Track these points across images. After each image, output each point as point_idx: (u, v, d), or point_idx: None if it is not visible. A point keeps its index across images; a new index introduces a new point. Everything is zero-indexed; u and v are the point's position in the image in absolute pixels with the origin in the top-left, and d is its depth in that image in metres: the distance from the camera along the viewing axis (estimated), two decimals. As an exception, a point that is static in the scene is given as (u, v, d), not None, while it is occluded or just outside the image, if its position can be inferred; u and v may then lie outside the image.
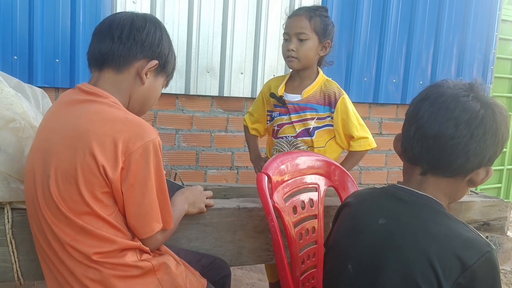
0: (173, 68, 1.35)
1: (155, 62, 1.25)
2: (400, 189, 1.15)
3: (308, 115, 1.97)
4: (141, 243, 1.19)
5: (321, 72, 2.03)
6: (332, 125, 1.98)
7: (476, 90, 1.08)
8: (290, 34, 1.93)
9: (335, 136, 2.00)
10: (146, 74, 1.25)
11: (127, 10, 2.46)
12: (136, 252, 1.18)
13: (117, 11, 2.46)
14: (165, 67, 1.30)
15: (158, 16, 2.57)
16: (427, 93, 1.10)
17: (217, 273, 1.49)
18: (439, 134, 1.04)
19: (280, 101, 2.02)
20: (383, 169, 3.35)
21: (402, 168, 1.20)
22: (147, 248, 1.21)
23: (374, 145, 2.00)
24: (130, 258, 1.16)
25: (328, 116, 1.98)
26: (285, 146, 2.01)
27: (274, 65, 2.89)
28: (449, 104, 1.05)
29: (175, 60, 1.35)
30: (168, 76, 1.34)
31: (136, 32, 1.21)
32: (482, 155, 1.05)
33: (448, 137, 1.03)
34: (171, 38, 2.43)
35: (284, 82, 2.05)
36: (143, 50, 1.23)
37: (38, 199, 1.17)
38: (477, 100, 1.05)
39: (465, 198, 2.05)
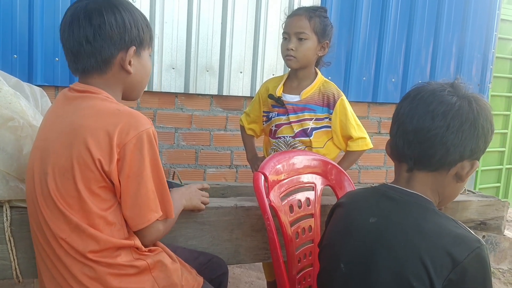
0: (151, 37, 1.29)
1: (132, 49, 1.22)
2: (391, 188, 1.16)
3: (307, 115, 1.98)
4: (135, 241, 1.19)
5: (319, 73, 2.04)
6: (329, 127, 1.99)
7: (456, 86, 1.11)
8: (290, 34, 1.94)
9: (332, 137, 2.01)
10: (129, 63, 1.23)
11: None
12: (131, 251, 1.18)
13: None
14: (143, 44, 1.26)
15: (157, 15, 2.58)
16: (408, 93, 1.15)
17: (215, 271, 1.50)
18: (417, 128, 1.08)
19: (279, 101, 2.03)
20: (382, 168, 3.36)
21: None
22: (142, 246, 1.20)
23: (371, 145, 2.03)
24: (124, 258, 1.16)
25: (326, 118, 1.98)
26: (283, 146, 2.02)
27: (274, 64, 2.89)
28: (426, 99, 1.09)
29: (149, 28, 1.28)
30: (150, 45, 1.31)
31: (99, 30, 1.17)
32: (462, 146, 1.06)
33: (426, 130, 1.07)
34: (170, 37, 2.41)
35: (282, 82, 2.05)
36: (115, 44, 1.19)
37: (37, 197, 1.18)
38: (454, 94, 1.09)
39: (462, 197, 2.06)
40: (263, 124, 2.13)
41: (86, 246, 1.13)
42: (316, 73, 2.04)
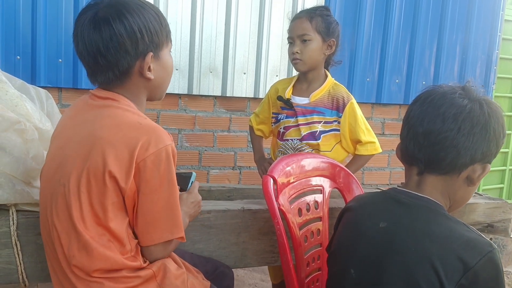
0: (168, 34, 1.22)
1: (149, 55, 1.17)
2: (400, 192, 1.15)
3: (315, 118, 1.97)
4: (141, 262, 1.15)
5: (329, 75, 2.03)
6: (338, 130, 1.97)
7: (467, 89, 1.10)
8: (293, 37, 1.94)
9: (341, 140, 1.99)
10: (149, 69, 1.18)
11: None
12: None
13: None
14: (159, 46, 1.19)
15: (161, 16, 2.56)
16: (419, 96, 1.14)
17: (220, 282, 1.47)
18: (428, 131, 1.07)
19: (288, 104, 2.02)
20: (386, 169, 3.35)
21: (404, 168, 1.21)
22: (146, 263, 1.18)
23: (380, 150, 2.01)
24: (130, 269, 1.14)
25: (335, 121, 1.97)
26: (290, 149, 2.01)
27: (277, 65, 2.88)
28: (437, 102, 1.08)
29: (164, 25, 1.20)
30: (170, 42, 1.25)
31: (110, 42, 1.12)
32: (473, 149, 1.05)
33: (437, 132, 1.06)
34: (174, 38, 2.42)
35: (292, 84, 2.04)
36: (130, 55, 1.14)
37: (52, 208, 1.15)
38: (465, 96, 1.08)
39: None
40: (272, 125, 2.12)
41: (91, 266, 1.10)
42: (326, 75, 2.02)
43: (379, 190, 1.36)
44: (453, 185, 1.11)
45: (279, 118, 2.07)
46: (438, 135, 1.05)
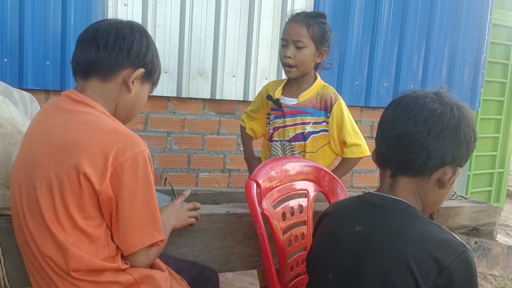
0: (159, 76, 1.34)
1: (141, 70, 1.24)
2: (375, 196, 1.17)
3: (304, 119, 1.98)
4: (120, 264, 1.15)
5: (318, 77, 2.04)
6: (327, 131, 1.98)
7: (440, 94, 1.13)
8: (288, 41, 1.93)
9: (329, 142, 2.00)
10: (132, 82, 1.24)
11: (118, 12, 2.46)
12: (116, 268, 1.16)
13: (109, 13, 2.45)
14: (151, 75, 1.30)
15: (149, 18, 2.56)
16: (392, 101, 1.17)
17: (204, 286, 1.47)
18: (399, 133, 1.10)
19: (277, 103, 2.03)
20: (375, 172, 3.36)
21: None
22: (127, 266, 1.18)
23: (368, 153, 1.98)
24: (110, 274, 1.14)
25: (324, 121, 1.98)
26: (279, 150, 2.02)
27: (266, 68, 2.89)
28: (409, 105, 1.11)
29: (160, 68, 1.34)
30: (154, 84, 1.34)
31: (122, 40, 1.20)
32: (443, 152, 1.08)
33: (408, 135, 1.09)
34: (163, 41, 2.47)
35: (282, 85, 2.06)
36: (129, 58, 1.21)
37: (24, 210, 1.15)
38: (436, 101, 1.11)
39: (454, 203, 2.06)
40: (267, 126, 2.14)
41: (69, 265, 1.11)
42: (316, 77, 2.03)
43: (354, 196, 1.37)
44: (424, 187, 1.13)
45: (270, 119, 2.08)
46: (409, 137, 1.08)
